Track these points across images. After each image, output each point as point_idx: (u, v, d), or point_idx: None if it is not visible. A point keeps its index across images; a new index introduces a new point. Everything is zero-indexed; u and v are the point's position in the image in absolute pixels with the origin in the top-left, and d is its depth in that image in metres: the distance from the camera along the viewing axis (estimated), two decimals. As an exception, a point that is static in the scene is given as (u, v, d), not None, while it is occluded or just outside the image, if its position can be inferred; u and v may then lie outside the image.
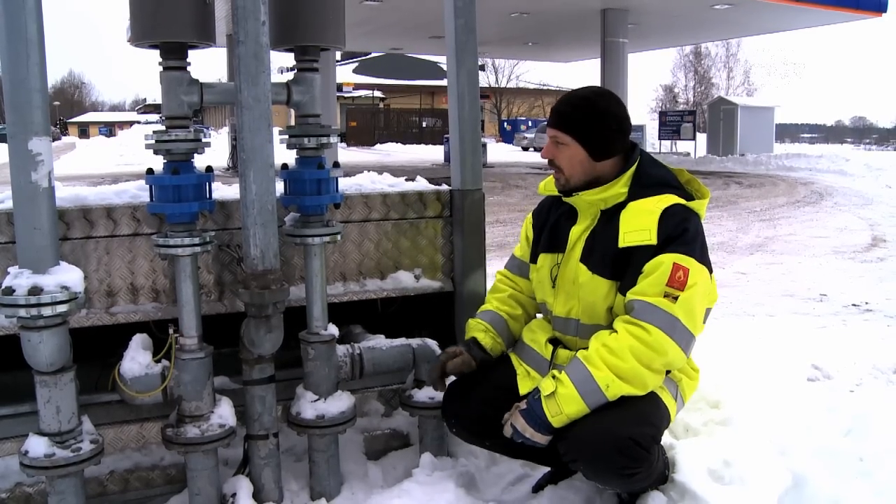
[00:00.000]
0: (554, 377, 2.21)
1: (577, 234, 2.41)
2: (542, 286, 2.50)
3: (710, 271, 2.31)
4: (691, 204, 2.32)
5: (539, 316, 2.65)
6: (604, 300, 2.31)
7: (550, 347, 2.45)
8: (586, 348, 2.25)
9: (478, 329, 2.60)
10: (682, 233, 2.23)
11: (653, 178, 2.36)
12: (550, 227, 2.53)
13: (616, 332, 2.20)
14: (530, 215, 2.68)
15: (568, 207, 2.48)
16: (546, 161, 2.42)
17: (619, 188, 2.34)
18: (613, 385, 2.15)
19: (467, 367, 2.52)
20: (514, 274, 2.70)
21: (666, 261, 2.19)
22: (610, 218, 2.35)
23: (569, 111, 2.37)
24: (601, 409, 2.17)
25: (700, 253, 2.25)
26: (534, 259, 2.57)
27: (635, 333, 2.16)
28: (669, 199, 2.29)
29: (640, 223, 2.26)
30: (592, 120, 2.34)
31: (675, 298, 2.17)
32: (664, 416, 2.31)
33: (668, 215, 2.25)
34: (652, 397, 2.26)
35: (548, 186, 2.58)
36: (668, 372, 2.30)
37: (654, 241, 2.22)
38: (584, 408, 2.16)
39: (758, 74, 70.46)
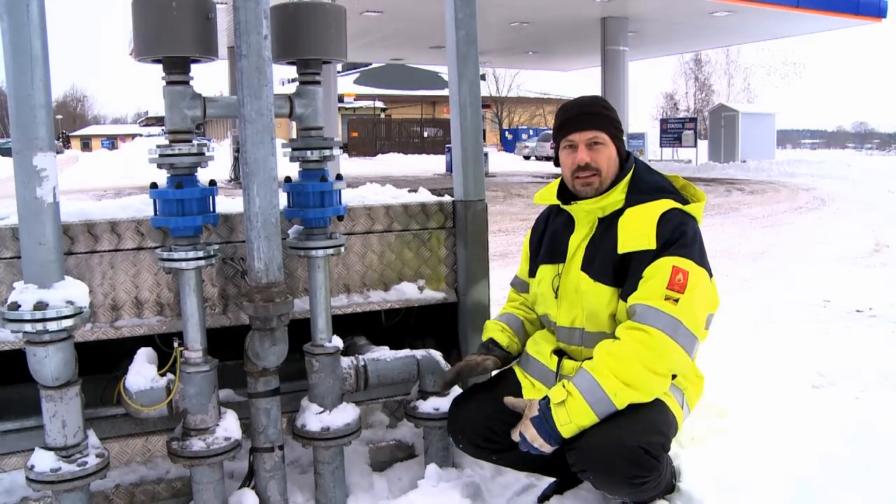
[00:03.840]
0: (563, 386, 2.21)
1: (577, 242, 2.42)
2: (544, 298, 2.50)
3: (710, 275, 2.31)
4: (687, 208, 2.34)
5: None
6: (606, 307, 2.32)
7: (555, 359, 2.44)
8: (591, 358, 2.25)
9: (494, 329, 2.64)
10: (680, 236, 2.24)
11: (649, 184, 2.39)
12: (549, 238, 2.53)
13: (619, 339, 2.20)
14: (530, 232, 2.69)
15: (565, 217, 2.49)
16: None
17: (617, 195, 2.36)
18: (621, 393, 2.15)
19: (483, 369, 2.53)
20: (519, 291, 2.74)
21: (665, 264, 2.20)
22: (608, 225, 2.36)
23: (602, 112, 2.40)
24: (610, 419, 2.17)
25: (699, 256, 2.26)
26: (532, 273, 2.57)
27: (638, 338, 2.16)
28: (667, 204, 2.31)
29: (638, 229, 2.27)
30: (617, 118, 2.43)
31: (676, 301, 2.17)
32: (672, 425, 2.31)
33: (665, 219, 2.27)
34: (659, 406, 2.27)
35: (544, 196, 2.58)
36: (673, 377, 2.30)
37: (653, 245, 2.24)
38: (594, 418, 2.16)
39: (758, 74, 70.52)
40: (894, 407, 3.44)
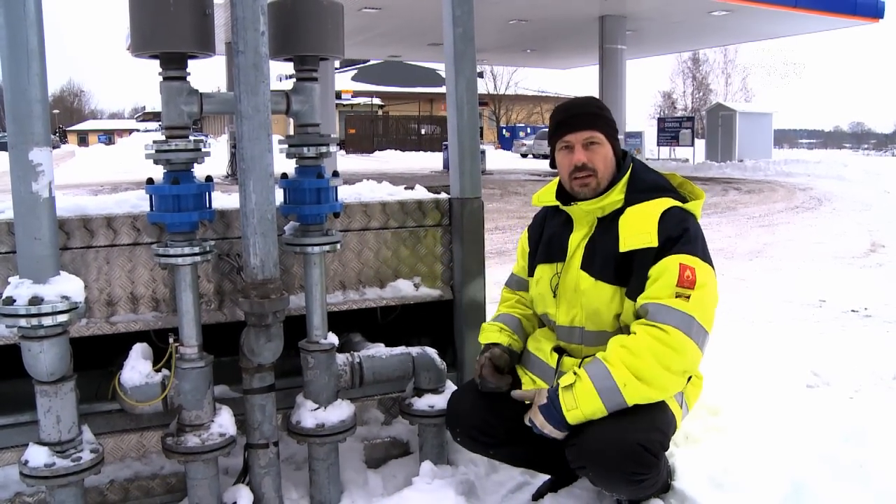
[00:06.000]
0: (574, 371, 2.20)
1: (576, 242, 2.42)
2: (543, 298, 2.50)
3: (714, 270, 2.31)
4: (687, 206, 2.36)
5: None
6: (608, 306, 2.32)
7: (555, 356, 2.44)
8: (592, 355, 2.25)
9: (492, 330, 2.59)
10: (682, 233, 2.25)
11: (647, 183, 2.39)
12: (547, 238, 2.53)
13: (635, 333, 2.19)
14: (526, 231, 2.69)
15: (564, 217, 2.49)
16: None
17: (616, 195, 2.36)
18: (630, 384, 2.13)
19: (500, 359, 2.50)
20: (515, 289, 2.72)
21: (672, 263, 2.20)
22: (608, 224, 2.36)
23: (597, 112, 2.41)
24: (611, 416, 2.17)
25: (703, 252, 2.27)
26: (531, 272, 2.57)
27: (654, 334, 2.14)
28: (666, 202, 2.32)
29: (639, 227, 2.28)
30: (612, 118, 2.43)
31: (688, 298, 2.17)
32: (671, 424, 2.31)
33: (666, 217, 2.28)
34: (660, 404, 2.26)
35: (541, 198, 2.58)
36: (689, 379, 2.30)
37: (654, 243, 2.24)
38: (600, 406, 2.14)
39: (758, 75, 70.77)
40: (888, 406, 3.45)
